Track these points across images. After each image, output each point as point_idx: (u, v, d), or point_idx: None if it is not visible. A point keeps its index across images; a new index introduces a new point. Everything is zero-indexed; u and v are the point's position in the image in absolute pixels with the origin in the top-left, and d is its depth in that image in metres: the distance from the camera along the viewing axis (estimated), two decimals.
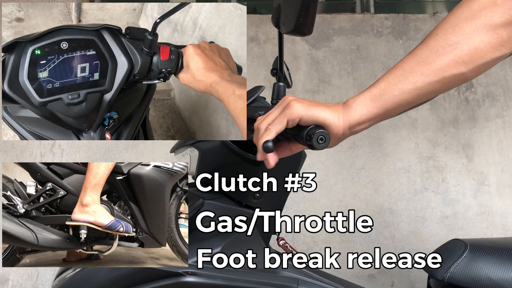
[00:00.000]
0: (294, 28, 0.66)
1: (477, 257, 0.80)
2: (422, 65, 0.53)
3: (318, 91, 2.07)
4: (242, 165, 0.84)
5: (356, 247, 1.89)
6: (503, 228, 1.93)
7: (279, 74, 0.87)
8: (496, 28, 0.50)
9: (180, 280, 0.75)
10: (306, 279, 0.80)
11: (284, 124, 0.58)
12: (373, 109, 0.56)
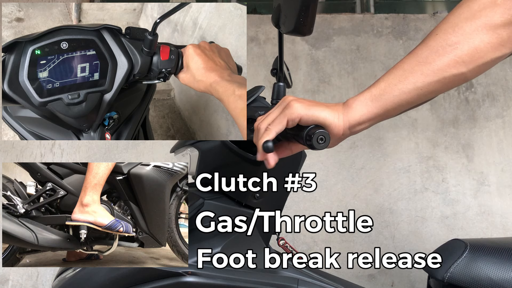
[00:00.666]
0: (294, 28, 0.66)
1: (477, 257, 0.80)
2: (422, 65, 0.53)
3: (318, 91, 2.07)
4: (242, 165, 0.84)
5: (356, 247, 1.89)
6: (503, 228, 1.93)
7: (279, 74, 0.87)
8: (496, 28, 0.50)
9: (180, 280, 0.74)
10: (306, 279, 0.80)
11: (284, 124, 0.58)
12: (373, 109, 0.56)
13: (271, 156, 0.60)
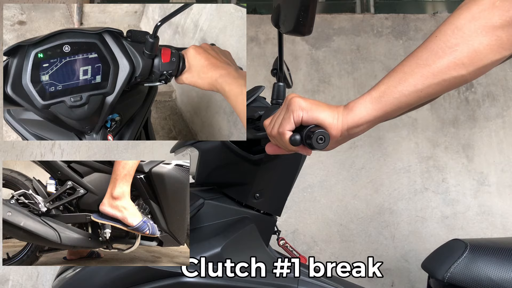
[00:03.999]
0: (294, 28, 0.66)
1: (477, 257, 0.80)
2: (422, 67, 0.53)
3: (318, 91, 2.07)
4: (242, 165, 0.85)
5: (356, 247, 1.90)
6: (503, 228, 1.93)
7: (279, 74, 0.87)
8: (495, 30, 0.50)
9: (180, 280, 0.75)
10: (306, 279, 0.80)
11: (292, 122, 0.59)
12: (372, 111, 0.56)
13: (301, 148, 0.61)
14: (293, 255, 0.94)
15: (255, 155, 0.83)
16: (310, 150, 0.61)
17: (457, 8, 0.54)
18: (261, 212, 0.89)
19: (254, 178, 0.86)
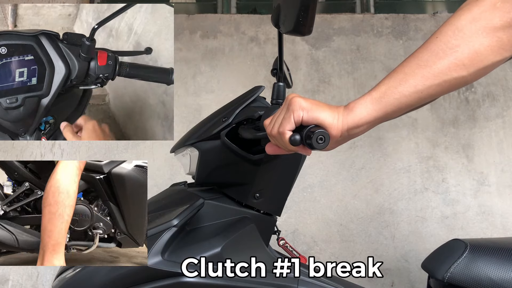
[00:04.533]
0: (294, 28, 0.66)
1: (477, 257, 0.80)
2: (422, 68, 0.53)
3: (318, 91, 2.07)
4: (242, 165, 0.85)
5: (356, 247, 1.90)
6: (503, 228, 1.93)
7: (279, 74, 0.87)
8: (495, 31, 0.50)
9: (180, 280, 0.75)
10: (306, 279, 0.80)
11: (292, 122, 0.59)
12: (372, 112, 0.56)
13: (301, 148, 0.61)
14: (293, 255, 0.94)
15: (255, 155, 0.83)
16: (310, 150, 0.61)
17: (458, 9, 0.54)
18: (261, 212, 0.89)
19: (254, 178, 0.86)
